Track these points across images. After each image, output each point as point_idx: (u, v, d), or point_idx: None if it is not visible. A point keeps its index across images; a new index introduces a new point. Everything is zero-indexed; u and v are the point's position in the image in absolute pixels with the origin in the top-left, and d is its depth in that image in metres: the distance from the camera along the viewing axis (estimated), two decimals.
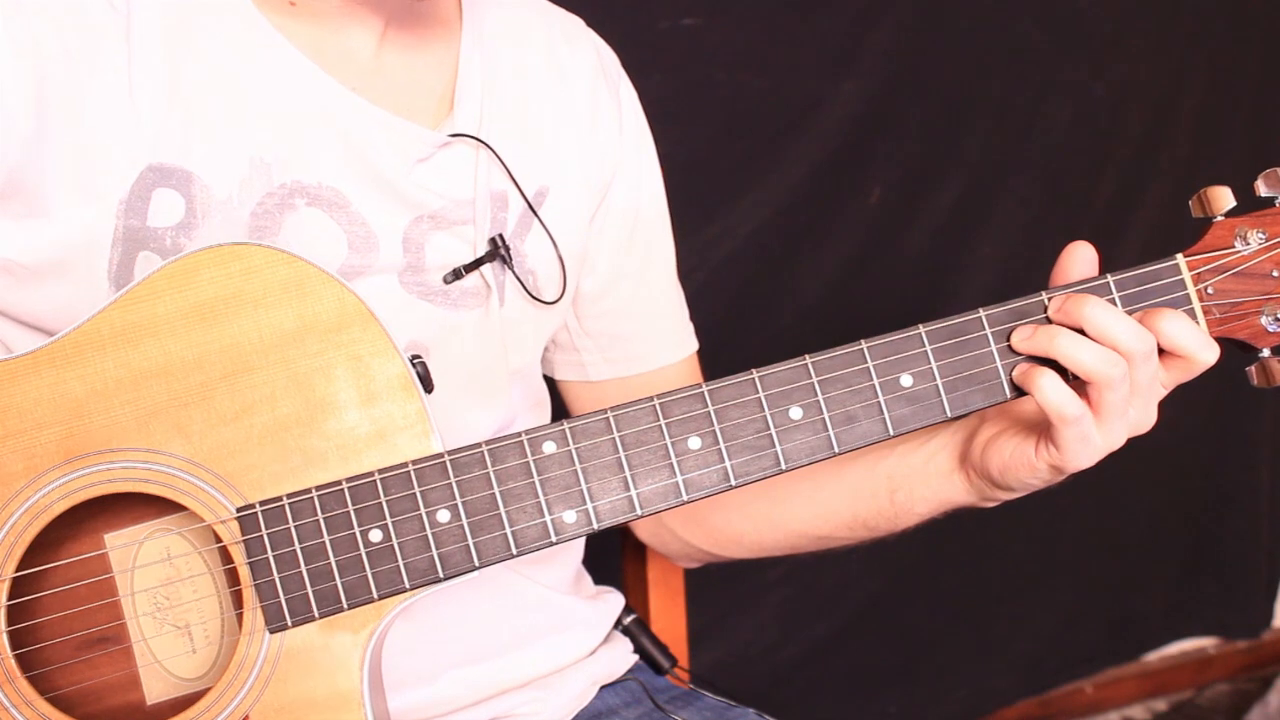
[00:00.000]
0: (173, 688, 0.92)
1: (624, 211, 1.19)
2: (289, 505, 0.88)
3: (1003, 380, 0.95)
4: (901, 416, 0.94)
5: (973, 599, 2.45)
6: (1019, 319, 0.95)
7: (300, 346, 0.89)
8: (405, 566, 0.89)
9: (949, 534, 2.30)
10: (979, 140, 2.27)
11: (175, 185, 0.96)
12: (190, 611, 0.92)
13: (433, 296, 1.05)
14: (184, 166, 0.96)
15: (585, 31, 1.21)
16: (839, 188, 2.17)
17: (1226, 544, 2.70)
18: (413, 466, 0.89)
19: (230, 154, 0.97)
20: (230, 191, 0.97)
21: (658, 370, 1.22)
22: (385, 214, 1.02)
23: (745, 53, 2.07)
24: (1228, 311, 0.97)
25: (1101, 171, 2.40)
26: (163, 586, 0.91)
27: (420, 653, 1.06)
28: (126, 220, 0.94)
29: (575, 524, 0.91)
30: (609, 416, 0.91)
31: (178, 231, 0.96)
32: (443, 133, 1.05)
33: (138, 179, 0.95)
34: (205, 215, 0.96)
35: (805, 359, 0.93)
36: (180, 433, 0.88)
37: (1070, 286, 0.95)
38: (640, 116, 1.22)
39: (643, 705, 1.19)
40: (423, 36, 1.07)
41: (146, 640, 0.91)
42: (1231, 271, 0.96)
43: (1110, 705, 2.65)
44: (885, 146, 2.19)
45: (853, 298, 2.20)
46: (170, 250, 0.95)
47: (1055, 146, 2.34)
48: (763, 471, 0.92)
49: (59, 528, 0.89)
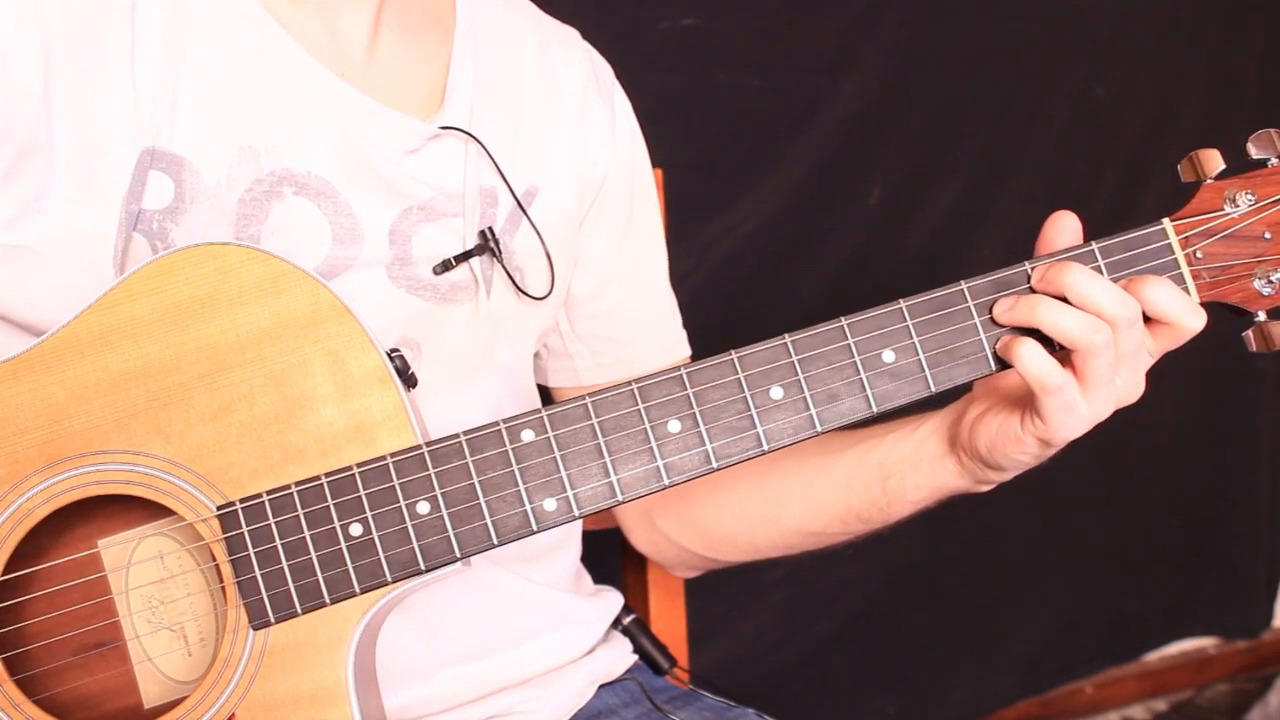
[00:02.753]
0: (170, 690, 0.92)
1: (616, 216, 1.19)
2: (269, 502, 0.88)
3: (987, 353, 0.93)
4: (885, 392, 0.92)
5: (973, 599, 2.44)
6: (1002, 290, 0.93)
7: (277, 344, 0.89)
8: (386, 559, 0.88)
9: (949, 534, 2.32)
10: (979, 140, 2.27)
11: (166, 168, 0.96)
12: (183, 612, 0.92)
13: (421, 290, 1.05)
14: (176, 151, 0.96)
15: (579, 42, 1.21)
16: (839, 188, 2.17)
17: (1226, 544, 2.70)
18: (391, 459, 0.88)
19: (221, 140, 0.98)
20: (218, 178, 0.97)
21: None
22: (373, 205, 1.02)
23: (745, 53, 2.07)
24: (1218, 275, 0.94)
25: (1101, 171, 2.40)
26: (154, 585, 0.91)
27: (417, 650, 1.06)
28: (128, 205, 0.95)
29: (556, 512, 0.90)
30: (587, 403, 0.90)
31: (165, 216, 0.96)
32: (433, 125, 1.05)
33: (137, 162, 0.95)
34: (193, 201, 0.97)
35: (784, 338, 0.92)
36: (160, 433, 0.88)
37: (1054, 255, 0.93)
38: (634, 123, 1.22)
39: (641, 705, 1.19)
40: (415, 29, 1.07)
41: (140, 638, 0.91)
42: (1221, 235, 0.94)
43: (1110, 705, 2.64)
44: (885, 146, 2.19)
45: (853, 298, 2.18)
46: (156, 234, 0.96)
47: (1055, 146, 2.34)
48: (744, 453, 0.91)
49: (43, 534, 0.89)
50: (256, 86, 0.99)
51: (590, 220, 1.17)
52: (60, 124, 0.93)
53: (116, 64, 0.95)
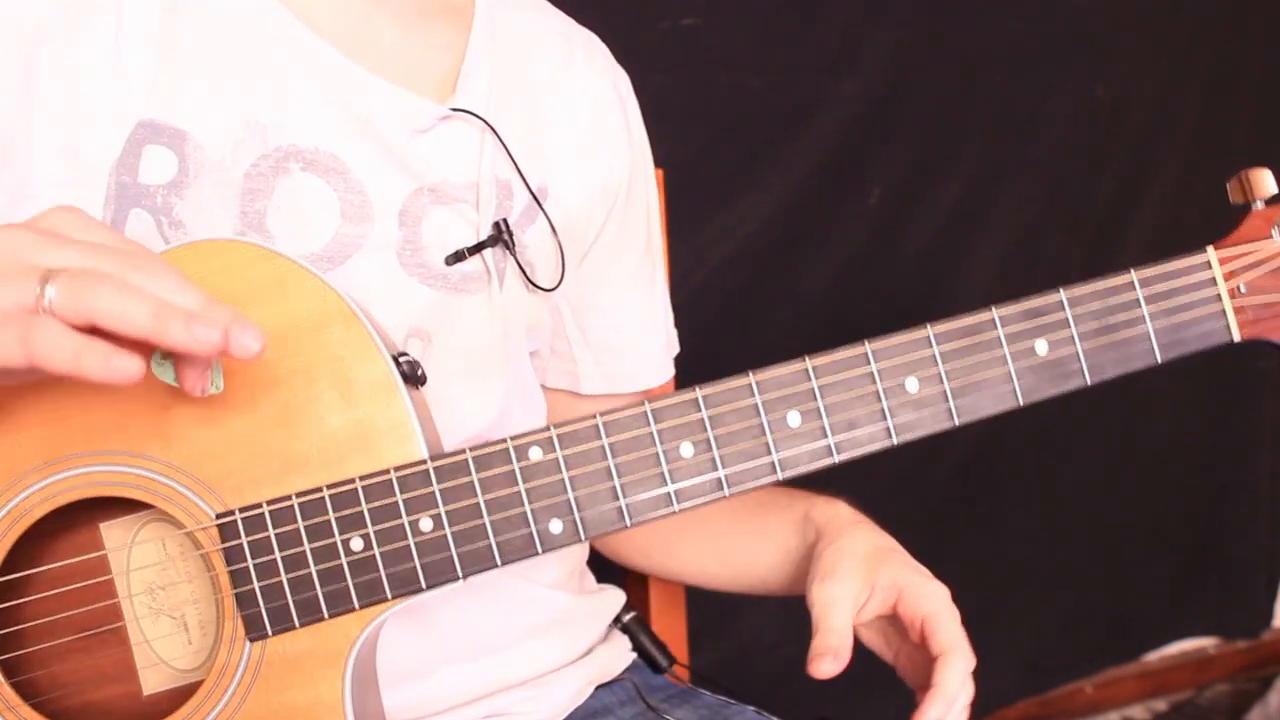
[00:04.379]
0: (169, 678, 0.90)
1: (638, 232, 1.19)
2: (269, 513, 0.86)
3: (1015, 387, 0.89)
4: (906, 423, 0.89)
5: (973, 599, 2.43)
6: (1034, 319, 0.89)
7: (281, 347, 0.86)
8: (387, 577, 0.86)
9: (949, 534, 2.31)
10: (979, 140, 2.27)
11: (167, 143, 0.95)
12: (185, 601, 0.90)
13: (433, 280, 1.03)
14: (177, 125, 0.95)
15: (601, 48, 1.20)
16: (839, 188, 2.17)
17: (1226, 544, 2.70)
18: (395, 474, 0.86)
19: (225, 114, 0.96)
20: (224, 152, 0.96)
21: (644, 392, 1.22)
22: (384, 182, 1.01)
23: (745, 53, 2.07)
24: (1261, 311, 0.89)
25: (1101, 171, 2.39)
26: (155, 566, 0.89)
27: (413, 650, 1.06)
28: (118, 177, 0.94)
29: (562, 534, 0.87)
30: (598, 422, 0.87)
31: (169, 190, 0.95)
32: (445, 106, 1.04)
33: (129, 136, 0.94)
34: (198, 174, 0.95)
35: (805, 361, 0.88)
36: (159, 436, 0.86)
37: (1091, 282, 0.89)
38: (645, 137, 1.22)
39: (638, 704, 1.19)
40: (427, 14, 1.05)
41: (138, 620, 0.89)
42: (1267, 267, 0.89)
43: (1110, 705, 2.64)
44: (885, 146, 2.19)
45: (853, 298, 2.20)
46: (161, 209, 0.94)
47: (1055, 146, 2.33)
48: (757, 480, 0.88)
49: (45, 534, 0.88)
50: (261, 63, 0.98)
51: (611, 233, 1.17)
52: (41, 113, 0.92)
53: (103, 40, 0.94)
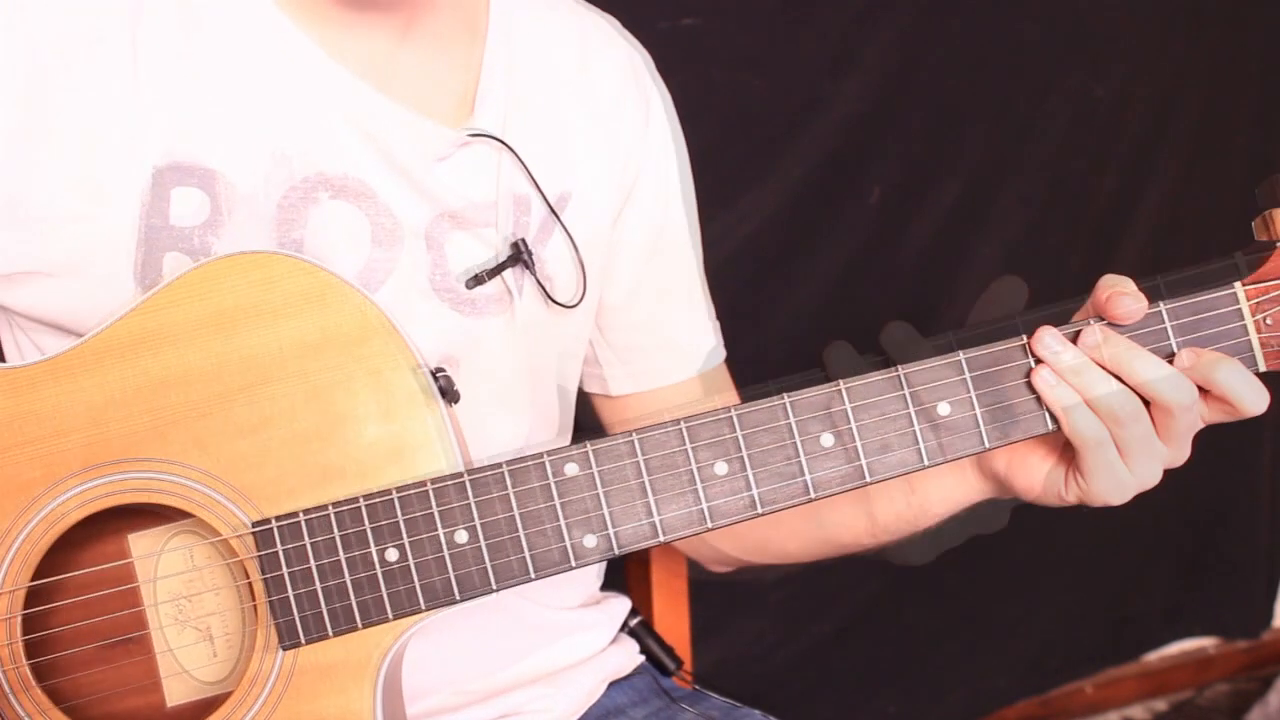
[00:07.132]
0: (193, 689, 0.91)
1: (645, 219, 1.16)
2: (305, 522, 0.87)
3: (1045, 411, 0.92)
4: (937, 446, 0.91)
5: (973, 599, 2.44)
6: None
7: (320, 359, 0.87)
8: (421, 587, 0.87)
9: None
10: (979, 140, 2.26)
11: (198, 183, 0.94)
12: (211, 614, 0.91)
13: (461, 305, 1.03)
14: (205, 165, 0.95)
15: (619, 33, 1.18)
16: (839, 188, 2.17)
17: (1226, 544, 2.70)
18: (431, 485, 0.87)
19: (251, 149, 0.96)
20: (254, 187, 0.96)
21: (677, 385, 1.20)
22: (410, 207, 1.00)
23: (745, 53, 2.06)
24: None
25: (1101, 171, 2.39)
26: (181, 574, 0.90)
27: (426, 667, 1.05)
28: (149, 220, 0.93)
29: (595, 549, 0.89)
30: (634, 439, 0.89)
31: (205, 230, 0.94)
32: (462, 132, 1.03)
33: (154, 178, 0.93)
34: (231, 211, 0.95)
35: (839, 384, 0.90)
36: (197, 444, 0.87)
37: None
38: (667, 123, 1.19)
39: (650, 705, 1.19)
40: (444, 36, 1.04)
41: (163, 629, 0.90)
42: None
43: (1110, 705, 2.64)
44: (885, 146, 2.19)
45: (853, 298, 2.20)
46: (199, 250, 0.94)
47: (1055, 146, 2.33)
48: (790, 500, 0.90)
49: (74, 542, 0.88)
50: (281, 92, 0.97)
51: (621, 225, 1.15)
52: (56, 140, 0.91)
53: (117, 73, 0.93)
